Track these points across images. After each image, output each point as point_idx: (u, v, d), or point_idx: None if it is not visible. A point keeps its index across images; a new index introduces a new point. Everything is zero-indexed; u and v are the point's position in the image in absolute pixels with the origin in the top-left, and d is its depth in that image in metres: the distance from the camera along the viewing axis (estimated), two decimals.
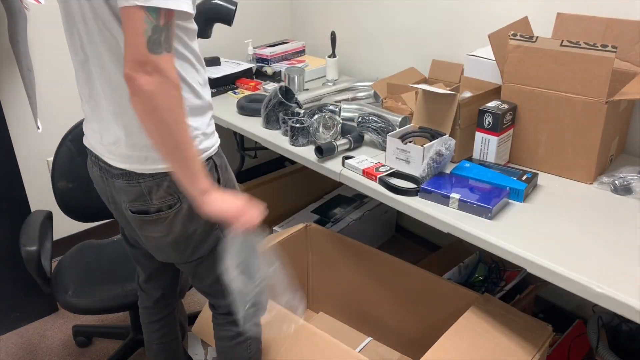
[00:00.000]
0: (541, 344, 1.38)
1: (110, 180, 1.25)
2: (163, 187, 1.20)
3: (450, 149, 1.51)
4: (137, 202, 1.22)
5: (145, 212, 1.23)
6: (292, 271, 1.17)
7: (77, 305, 1.65)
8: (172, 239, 1.26)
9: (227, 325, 1.43)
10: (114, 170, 1.22)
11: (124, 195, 1.23)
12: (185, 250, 1.29)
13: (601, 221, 1.38)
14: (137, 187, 1.20)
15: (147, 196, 1.20)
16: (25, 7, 1.88)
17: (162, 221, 1.23)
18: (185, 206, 1.22)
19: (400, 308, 1.85)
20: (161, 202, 1.21)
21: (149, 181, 1.19)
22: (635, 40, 1.58)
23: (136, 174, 1.19)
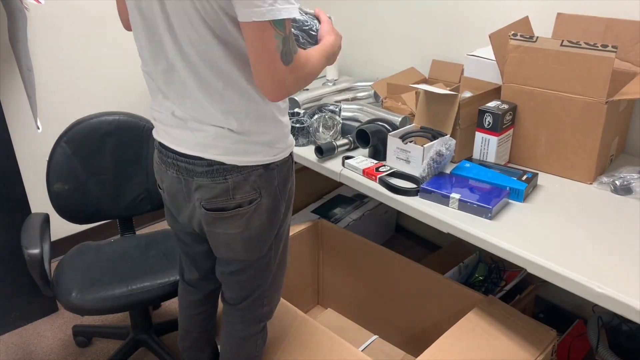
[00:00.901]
0: (544, 348, 1.38)
1: (190, 180, 1.24)
2: (249, 182, 1.21)
3: (451, 149, 1.51)
4: (218, 199, 1.22)
5: (223, 209, 1.23)
6: (303, 266, 1.19)
7: (81, 306, 1.65)
8: (248, 235, 1.26)
9: (241, 324, 1.43)
10: (198, 167, 1.21)
11: (205, 193, 1.23)
12: (255, 248, 1.30)
13: (601, 221, 1.38)
14: (222, 184, 1.21)
15: (230, 192, 1.21)
16: (25, 7, 1.88)
17: (240, 217, 1.24)
18: (265, 201, 1.24)
19: (406, 307, 1.86)
20: (244, 197, 1.22)
21: (237, 176, 1.20)
22: (635, 40, 1.58)
23: (224, 168, 1.19)
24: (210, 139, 1.19)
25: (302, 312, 1.60)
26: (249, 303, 1.40)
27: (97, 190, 1.87)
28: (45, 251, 1.61)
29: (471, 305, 1.54)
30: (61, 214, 1.84)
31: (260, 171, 1.22)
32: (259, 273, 1.36)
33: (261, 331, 1.46)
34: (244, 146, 1.19)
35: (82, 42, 2.37)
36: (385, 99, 1.96)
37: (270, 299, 1.43)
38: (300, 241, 1.95)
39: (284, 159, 1.26)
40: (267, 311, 1.43)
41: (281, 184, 1.27)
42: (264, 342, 1.49)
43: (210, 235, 1.31)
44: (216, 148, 1.19)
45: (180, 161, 1.24)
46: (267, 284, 1.39)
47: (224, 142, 1.18)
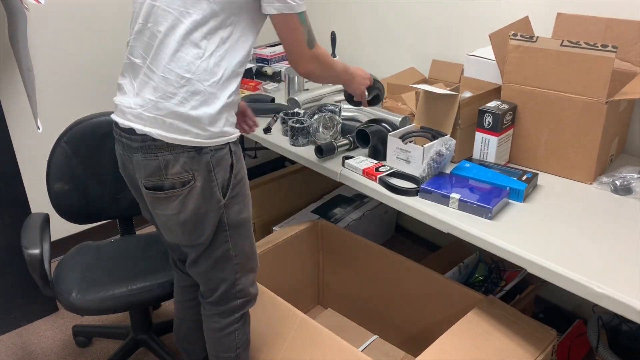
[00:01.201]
0: (543, 348, 1.38)
1: (131, 157, 1.29)
2: (179, 163, 1.24)
3: (451, 149, 1.51)
4: (152, 177, 1.26)
5: (160, 188, 1.27)
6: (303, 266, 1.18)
7: (81, 306, 1.65)
8: (183, 218, 1.29)
9: (215, 317, 1.45)
10: (134, 143, 1.25)
11: (142, 171, 1.27)
12: (193, 232, 1.31)
13: (601, 221, 1.38)
14: (154, 161, 1.24)
15: (162, 171, 1.24)
16: (25, 7, 1.88)
17: (174, 199, 1.27)
18: (198, 184, 1.26)
19: (406, 307, 1.86)
20: (176, 178, 1.25)
21: (167, 155, 1.23)
22: (635, 40, 1.58)
23: (155, 145, 1.23)
24: (143, 111, 1.23)
25: (302, 312, 1.60)
26: (218, 297, 1.42)
27: (97, 190, 1.87)
28: (45, 251, 1.61)
29: (471, 305, 1.54)
30: (61, 214, 1.84)
31: (192, 153, 1.24)
32: (218, 265, 1.38)
33: (238, 321, 1.47)
34: (172, 122, 1.21)
35: (82, 41, 2.37)
36: (385, 99, 1.96)
37: (243, 292, 1.44)
38: (300, 241, 1.96)
39: (219, 145, 1.27)
40: (241, 303, 1.45)
41: (219, 170, 1.28)
42: (245, 332, 1.50)
43: (155, 218, 1.36)
44: (146, 121, 1.23)
45: (123, 137, 1.29)
46: (234, 278, 1.40)
47: (153, 114, 1.22)
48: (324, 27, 2.67)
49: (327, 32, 2.62)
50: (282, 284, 1.92)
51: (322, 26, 2.69)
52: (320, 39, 2.70)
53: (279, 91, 2.39)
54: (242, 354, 1.51)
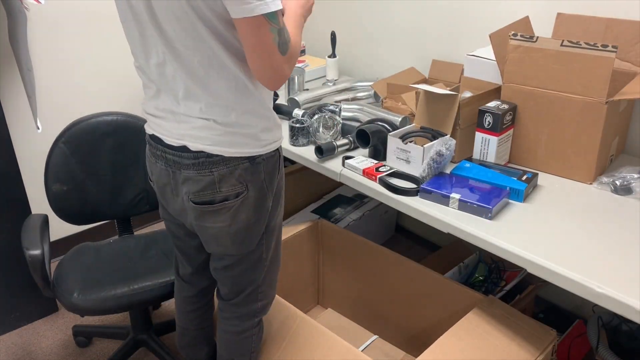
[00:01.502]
0: (544, 348, 1.38)
1: (178, 172, 1.26)
2: (235, 175, 1.23)
3: (451, 149, 1.51)
4: (204, 192, 1.24)
5: (210, 202, 1.25)
6: (303, 266, 1.18)
7: (82, 306, 1.65)
8: (234, 229, 1.28)
9: (234, 320, 1.44)
10: (185, 160, 1.23)
11: (192, 186, 1.25)
12: (243, 242, 1.31)
13: (601, 221, 1.38)
14: (208, 177, 1.22)
15: (216, 185, 1.23)
16: (25, 7, 1.88)
17: (226, 211, 1.26)
18: (251, 194, 1.26)
19: (406, 307, 1.86)
20: (230, 190, 1.23)
21: (223, 169, 1.22)
22: (635, 40, 1.58)
23: (210, 161, 1.21)
24: (196, 130, 1.21)
25: (302, 312, 1.60)
26: (242, 298, 1.41)
27: (96, 191, 1.87)
28: (45, 252, 1.61)
29: (471, 305, 1.54)
30: (59, 215, 1.84)
31: (246, 164, 1.23)
32: (251, 268, 1.37)
33: (256, 326, 1.47)
34: (229, 138, 1.21)
35: (82, 41, 2.37)
36: (385, 99, 1.96)
37: (264, 294, 1.44)
38: (300, 241, 1.95)
39: (270, 152, 1.27)
40: (261, 306, 1.45)
41: (268, 177, 1.28)
42: (260, 337, 1.50)
43: (199, 230, 1.33)
44: (201, 139, 1.21)
45: (169, 153, 1.26)
46: (260, 279, 1.40)
47: (209, 133, 1.20)
48: (324, 27, 2.67)
49: (327, 32, 2.62)
50: (282, 284, 1.91)
51: (322, 26, 2.69)
52: (321, 39, 2.71)
53: (279, 91, 2.39)
54: (255, 358, 1.51)
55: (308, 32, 2.80)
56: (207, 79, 1.16)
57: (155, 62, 1.20)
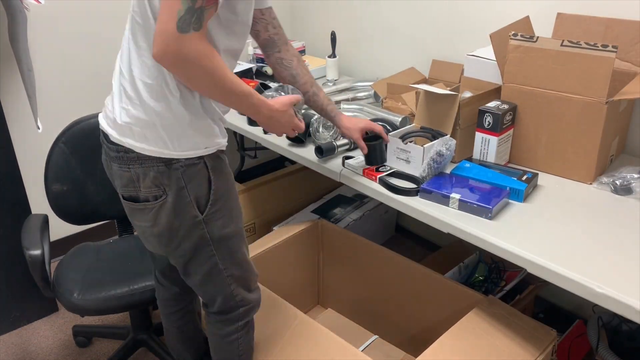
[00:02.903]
0: (544, 348, 1.38)
1: (110, 165, 1.29)
2: (149, 177, 1.21)
3: (451, 149, 1.51)
4: (127, 187, 1.26)
5: (135, 199, 1.27)
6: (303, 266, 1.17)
7: (82, 306, 1.65)
8: (157, 231, 1.27)
9: (218, 324, 1.44)
10: (111, 152, 1.25)
11: (118, 180, 1.27)
12: (169, 244, 1.30)
13: (601, 221, 1.38)
14: (127, 172, 1.23)
15: (136, 183, 1.23)
16: (25, 7, 1.88)
17: (148, 211, 1.25)
18: (170, 200, 1.22)
19: (406, 307, 1.86)
20: (148, 192, 1.23)
21: (137, 168, 1.22)
22: (635, 40, 1.58)
23: (127, 157, 1.21)
24: (118, 116, 1.21)
25: (302, 312, 1.60)
26: (219, 306, 1.40)
27: (96, 191, 1.87)
28: (45, 252, 1.61)
29: (471, 305, 1.54)
30: (59, 215, 1.83)
31: (162, 167, 1.20)
32: (210, 279, 1.34)
33: (242, 329, 1.45)
34: (143, 130, 1.19)
35: (82, 42, 2.36)
36: (385, 99, 1.96)
37: (244, 301, 1.41)
38: (300, 241, 1.95)
39: (191, 159, 1.21)
40: (244, 312, 1.43)
41: (193, 187, 1.22)
42: (249, 340, 1.49)
43: (134, 226, 1.36)
44: (119, 127, 1.21)
45: (106, 146, 1.29)
46: (230, 288, 1.37)
47: (126, 120, 1.20)
48: (324, 27, 2.67)
49: (327, 32, 2.63)
50: (282, 284, 1.92)
51: (322, 26, 2.69)
52: (321, 39, 2.72)
53: None
54: None
55: (308, 32, 2.80)
56: (136, 55, 1.18)
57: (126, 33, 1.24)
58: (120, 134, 1.22)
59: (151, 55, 1.12)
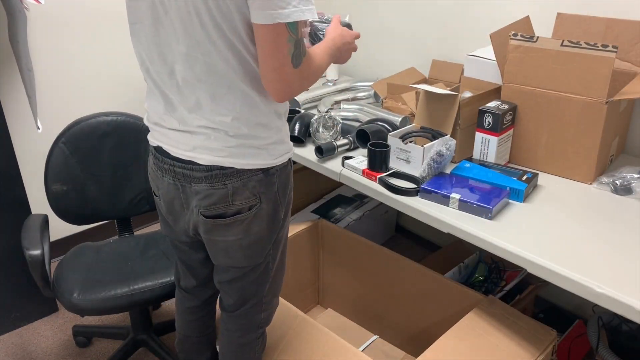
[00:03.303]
0: (544, 348, 1.38)
1: (188, 186, 1.22)
2: (249, 188, 1.20)
3: (451, 149, 1.51)
4: (216, 205, 1.21)
5: (221, 215, 1.22)
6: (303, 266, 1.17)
7: (83, 306, 1.65)
8: (247, 243, 1.25)
9: (238, 332, 1.42)
10: (196, 173, 1.19)
11: (203, 200, 1.21)
12: (254, 254, 1.29)
13: (601, 221, 1.38)
14: (222, 190, 1.19)
15: (229, 198, 1.20)
16: (25, 7, 1.88)
17: (239, 224, 1.23)
18: (264, 207, 1.23)
19: (406, 307, 1.86)
20: (243, 203, 1.21)
21: (236, 181, 1.19)
22: (635, 40, 1.58)
23: (223, 173, 1.18)
24: (208, 142, 1.17)
25: (302, 312, 1.60)
26: (246, 310, 1.38)
27: (96, 191, 1.87)
28: (45, 252, 1.61)
29: (471, 305, 1.54)
30: (59, 215, 1.84)
31: (260, 176, 1.21)
32: (257, 279, 1.34)
33: (260, 337, 1.45)
34: (242, 150, 1.18)
35: (82, 42, 2.37)
36: (385, 99, 1.96)
37: (268, 305, 1.41)
38: (300, 241, 1.95)
39: (283, 163, 1.25)
40: (265, 317, 1.42)
41: (281, 189, 1.26)
42: (263, 347, 1.49)
43: (208, 243, 1.30)
44: (213, 151, 1.17)
45: (178, 167, 1.22)
46: (265, 289, 1.37)
47: (220, 145, 1.17)
48: None
49: None
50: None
51: None
52: None
53: None
54: None
55: None
56: (219, 90, 1.13)
57: (166, 70, 1.16)
58: (213, 154, 1.17)
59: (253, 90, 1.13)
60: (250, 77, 1.13)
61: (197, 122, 1.17)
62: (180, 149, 1.20)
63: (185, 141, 1.19)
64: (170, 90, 1.18)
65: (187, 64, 1.13)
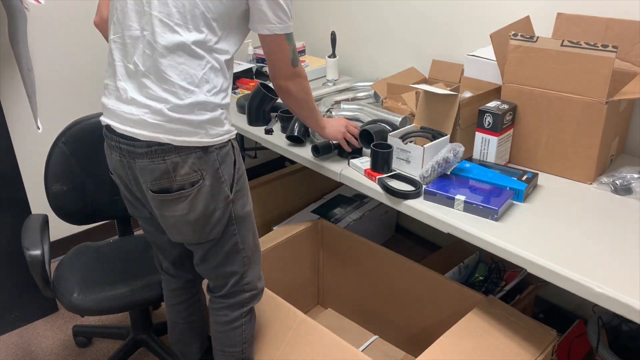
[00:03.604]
0: (544, 348, 1.38)
1: (132, 162, 1.29)
2: (188, 164, 1.26)
3: (458, 156, 1.50)
4: (160, 180, 1.27)
5: (167, 190, 1.28)
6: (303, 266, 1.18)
7: (83, 306, 1.65)
8: (193, 218, 1.31)
9: (224, 309, 1.47)
10: (138, 149, 1.26)
11: (147, 175, 1.28)
12: (203, 230, 1.33)
13: (601, 221, 1.38)
14: (162, 164, 1.25)
15: (171, 173, 1.26)
16: (25, 7, 1.88)
17: (184, 199, 1.29)
18: (207, 183, 1.29)
19: (406, 307, 1.86)
20: (185, 178, 1.27)
21: (175, 157, 1.25)
22: (635, 40, 1.58)
23: (162, 149, 1.24)
24: (148, 118, 1.23)
25: (302, 312, 1.60)
26: (229, 290, 1.44)
27: (95, 191, 1.87)
28: (45, 252, 1.61)
29: (471, 305, 1.54)
30: (59, 215, 1.83)
31: (199, 153, 1.27)
32: (229, 259, 1.40)
33: (246, 315, 1.49)
34: (178, 126, 1.24)
35: (82, 42, 2.37)
36: (385, 99, 1.96)
37: (251, 285, 1.47)
38: (300, 241, 1.95)
39: (222, 143, 1.31)
40: (250, 297, 1.48)
41: (224, 166, 1.31)
42: (251, 328, 1.52)
43: (161, 219, 1.36)
44: (153, 127, 1.23)
45: (122, 143, 1.28)
46: (243, 270, 1.43)
47: (159, 120, 1.23)
48: (324, 27, 2.67)
49: (327, 32, 2.62)
50: (282, 284, 1.92)
51: (322, 26, 2.69)
52: (321, 39, 2.71)
53: None
54: (247, 350, 1.53)
55: (308, 32, 2.80)
56: (168, 57, 1.21)
57: (134, 33, 1.25)
58: (154, 131, 1.24)
59: (202, 62, 1.24)
60: (222, 40, 1.26)
61: (136, 97, 1.24)
62: (123, 124, 1.27)
63: (127, 116, 1.26)
64: (128, 57, 1.28)
65: (153, 30, 1.22)
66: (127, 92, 1.26)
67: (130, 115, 1.25)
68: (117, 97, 1.28)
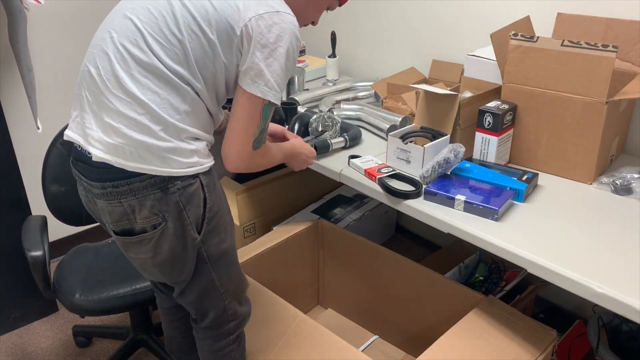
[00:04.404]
0: (544, 348, 1.38)
1: (92, 201, 1.22)
2: (146, 206, 1.15)
3: (459, 157, 1.50)
4: (121, 222, 1.19)
5: (129, 232, 1.20)
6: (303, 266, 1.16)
7: (85, 307, 1.65)
8: (159, 261, 1.23)
9: (209, 340, 1.42)
10: (94, 189, 1.18)
11: (107, 216, 1.20)
12: (172, 272, 1.26)
13: (601, 221, 1.38)
14: (119, 207, 1.16)
15: (130, 215, 1.17)
16: (25, 7, 1.88)
17: (147, 242, 1.19)
18: (170, 225, 1.18)
19: (406, 307, 1.85)
20: (146, 222, 1.17)
21: (132, 200, 1.15)
22: (635, 40, 1.58)
23: (117, 191, 1.14)
24: (103, 134, 1.14)
25: (302, 312, 1.60)
26: (210, 322, 1.37)
27: None
28: (46, 253, 1.61)
29: (471, 305, 1.54)
30: (57, 216, 1.83)
31: (158, 194, 1.14)
32: (205, 295, 1.32)
33: (233, 343, 1.43)
34: (132, 150, 1.12)
35: (82, 42, 2.37)
36: (386, 99, 1.96)
37: (235, 315, 1.40)
38: (300, 241, 1.95)
39: (186, 177, 1.17)
40: (234, 325, 1.41)
41: (190, 208, 1.19)
42: (241, 350, 1.48)
43: (129, 259, 1.30)
44: (108, 146, 1.13)
45: (83, 181, 1.21)
46: (224, 304, 1.36)
47: (117, 139, 1.13)
48: (324, 27, 2.67)
49: (327, 32, 2.62)
50: (282, 284, 1.92)
51: (322, 26, 2.69)
52: (321, 39, 2.72)
53: None
54: None
55: (308, 32, 2.80)
56: (160, 91, 1.13)
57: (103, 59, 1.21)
58: (107, 153, 1.14)
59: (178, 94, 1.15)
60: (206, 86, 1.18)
61: (94, 117, 1.17)
62: (92, 151, 1.16)
63: (86, 138, 1.18)
64: (105, 82, 1.20)
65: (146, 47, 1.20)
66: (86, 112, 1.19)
67: (94, 134, 1.17)
68: (83, 126, 1.20)
